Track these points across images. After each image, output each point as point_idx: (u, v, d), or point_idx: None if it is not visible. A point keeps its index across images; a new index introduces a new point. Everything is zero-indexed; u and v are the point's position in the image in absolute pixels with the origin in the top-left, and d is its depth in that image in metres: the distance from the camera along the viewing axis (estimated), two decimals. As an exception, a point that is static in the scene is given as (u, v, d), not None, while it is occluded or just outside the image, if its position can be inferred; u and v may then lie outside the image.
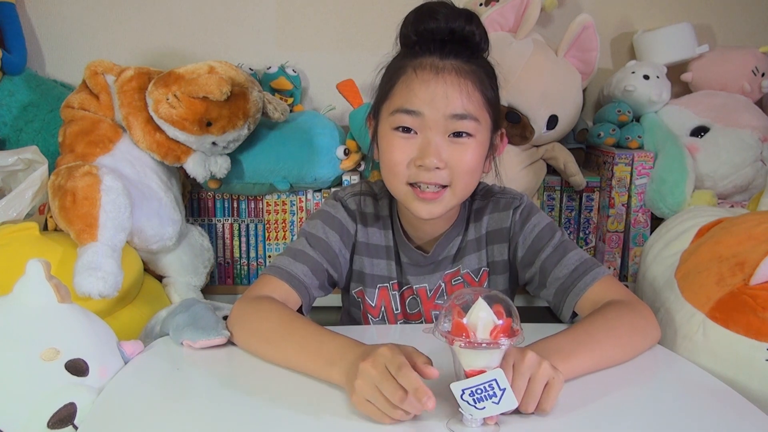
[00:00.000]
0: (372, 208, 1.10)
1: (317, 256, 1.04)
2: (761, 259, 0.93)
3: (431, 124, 0.94)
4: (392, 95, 0.98)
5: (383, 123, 1.00)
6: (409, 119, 0.95)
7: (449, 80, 0.94)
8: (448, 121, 0.94)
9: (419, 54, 0.97)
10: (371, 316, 1.11)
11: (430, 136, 0.95)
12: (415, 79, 0.95)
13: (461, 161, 0.96)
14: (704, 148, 1.56)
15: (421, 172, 0.95)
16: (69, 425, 0.75)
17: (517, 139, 1.55)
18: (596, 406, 0.79)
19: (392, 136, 0.97)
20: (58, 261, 1.20)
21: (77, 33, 1.71)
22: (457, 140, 0.96)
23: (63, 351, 0.80)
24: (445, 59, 0.96)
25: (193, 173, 1.46)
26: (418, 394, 0.70)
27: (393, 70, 0.99)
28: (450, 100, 0.94)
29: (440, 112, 0.94)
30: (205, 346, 0.92)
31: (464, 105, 0.94)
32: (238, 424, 0.75)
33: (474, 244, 1.10)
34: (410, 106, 0.94)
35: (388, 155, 0.98)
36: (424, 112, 0.94)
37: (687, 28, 1.66)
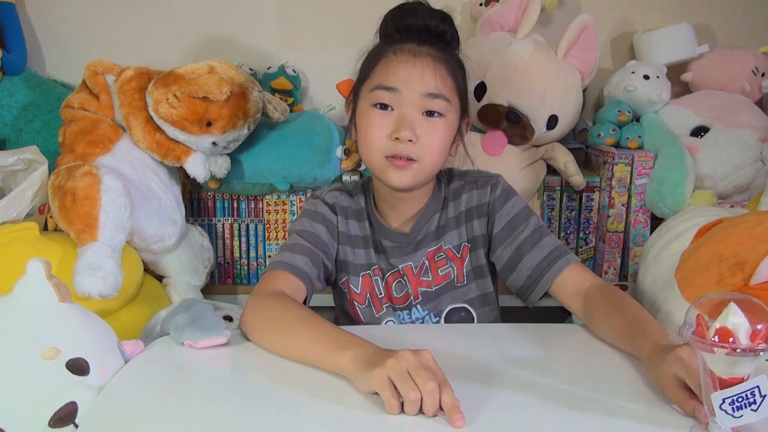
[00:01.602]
0: (347, 202, 1.18)
1: (313, 247, 1.10)
2: (761, 259, 0.93)
3: (407, 101, 1.03)
4: (372, 75, 1.07)
5: (362, 101, 1.09)
6: (387, 95, 1.04)
7: (425, 62, 1.04)
8: (423, 99, 1.03)
9: (399, 41, 1.07)
10: (357, 303, 1.16)
11: (405, 111, 1.04)
12: (394, 59, 1.05)
13: (432, 137, 1.05)
14: (704, 148, 1.56)
15: (396, 144, 1.04)
16: (70, 424, 0.75)
17: (517, 139, 1.55)
18: (597, 406, 0.79)
19: (371, 112, 1.06)
20: (58, 261, 1.20)
21: (77, 33, 1.71)
22: (429, 118, 1.05)
23: (64, 350, 0.80)
24: (422, 46, 1.06)
25: (193, 173, 1.46)
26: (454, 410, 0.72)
27: (373, 54, 1.09)
28: (425, 80, 1.03)
29: (416, 90, 1.03)
30: (206, 345, 0.92)
31: (437, 85, 1.03)
32: (239, 424, 0.75)
33: (454, 221, 1.15)
34: (389, 83, 1.04)
35: (366, 130, 1.07)
36: (401, 89, 1.03)
37: (687, 28, 1.67)
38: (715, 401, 0.68)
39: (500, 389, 0.82)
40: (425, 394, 0.73)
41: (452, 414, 0.72)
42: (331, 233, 1.13)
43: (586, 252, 1.66)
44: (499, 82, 1.52)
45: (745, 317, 0.68)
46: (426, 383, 0.73)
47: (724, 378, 0.69)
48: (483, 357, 0.93)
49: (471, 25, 1.71)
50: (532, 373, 0.87)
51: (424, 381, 0.74)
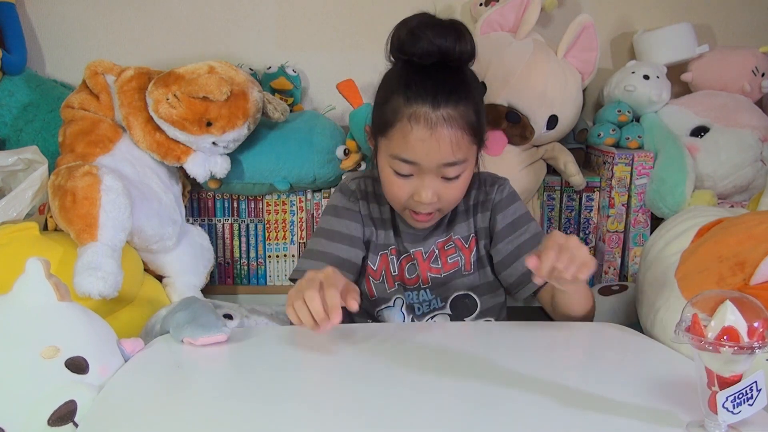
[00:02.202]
0: (372, 188, 1.23)
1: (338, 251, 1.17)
2: (761, 258, 0.93)
3: (426, 170, 1.06)
4: (389, 136, 1.07)
5: (382, 156, 1.11)
6: (406, 167, 1.06)
7: (441, 134, 1.03)
8: (441, 168, 1.06)
9: (412, 99, 1.04)
10: (372, 278, 1.22)
11: (425, 179, 1.07)
12: (410, 132, 1.04)
13: (452, 195, 1.10)
14: (704, 148, 1.56)
15: (418, 204, 1.09)
16: (69, 423, 0.75)
17: (517, 139, 1.55)
18: (597, 404, 0.79)
19: (391, 175, 1.09)
20: (58, 261, 1.20)
21: (77, 33, 1.71)
22: (448, 181, 1.08)
23: (63, 349, 0.80)
24: (437, 109, 1.03)
25: (193, 173, 1.46)
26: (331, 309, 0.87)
27: (389, 109, 1.06)
28: (442, 153, 1.04)
29: (434, 162, 1.05)
30: (206, 343, 0.92)
31: (455, 153, 1.04)
32: (239, 422, 0.75)
33: (463, 214, 1.21)
34: (407, 156, 1.05)
35: (387, 188, 1.11)
36: (420, 162, 1.05)
37: (687, 28, 1.67)
38: (720, 400, 0.68)
39: (500, 388, 0.82)
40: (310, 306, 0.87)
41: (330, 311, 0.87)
42: (355, 221, 1.20)
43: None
44: (499, 82, 1.52)
45: (741, 315, 0.68)
46: (306, 291, 0.88)
47: (725, 376, 0.69)
48: (483, 355, 0.93)
49: (471, 25, 1.71)
50: (532, 371, 0.87)
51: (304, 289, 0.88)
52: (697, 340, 0.69)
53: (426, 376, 0.86)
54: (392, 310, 1.23)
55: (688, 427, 0.73)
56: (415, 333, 1.07)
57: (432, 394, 0.82)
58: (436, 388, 0.83)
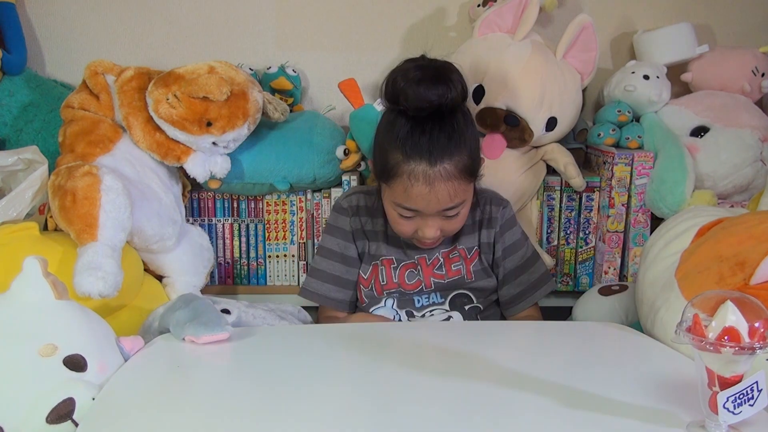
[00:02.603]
0: (365, 202, 1.32)
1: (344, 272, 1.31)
2: (761, 258, 0.93)
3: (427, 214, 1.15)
4: (392, 186, 1.15)
5: (386, 197, 1.19)
6: (408, 212, 1.16)
7: (440, 188, 1.11)
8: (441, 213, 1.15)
9: (410, 156, 1.11)
10: (363, 286, 1.32)
11: (428, 220, 1.16)
12: (410, 188, 1.12)
13: (454, 227, 1.20)
14: (704, 148, 1.56)
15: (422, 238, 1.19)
16: (67, 420, 0.75)
17: (515, 142, 1.54)
18: (597, 404, 0.79)
19: (396, 216, 1.18)
20: (58, 261, 1.20)
21: (77, 33, 1.71)
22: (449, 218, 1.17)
23: (61, 347, 0.80)
24: (435, 166, 1.11)
25: (193, 173, 1.46)
26: None
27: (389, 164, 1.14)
28: (441, 203, 1.13)
29: (434, 210, 1.14)
30: (209, 341, 0.92)
31: (452, 200, 1.13)
32: (239, 421, 0.75)
33: (469, 228, 1.30)
34: (409, 205, 1.14)
35: (393, 224, 1.20)
36: (420, 210, 1.14)
37: (687, 28, 1.66)
38: (721, 400, 0.68)
39: (499, 387, 0.82)
40: None
41: None
42: (346, 239, 1.30)
43: (586, 252, 1.66)
44: (497, 85, 1.51)
45: (742, 315, 0.68)
46: None
47: (726, 377, 0.69)
48: (483, 355, 0.93)
49: (468, 27, 1.71)
50: (532, 371, 0.87)
51: None
52: (698, 340, 0.69)
53: (426, 375, 0.86)
54: (384, 309, 1.30)
55: (689, 428, 0.73)
56: (416, 332, 1.07)
57: (432, 393, 0.82)
58: (436, 388, 0.83)
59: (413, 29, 1.71)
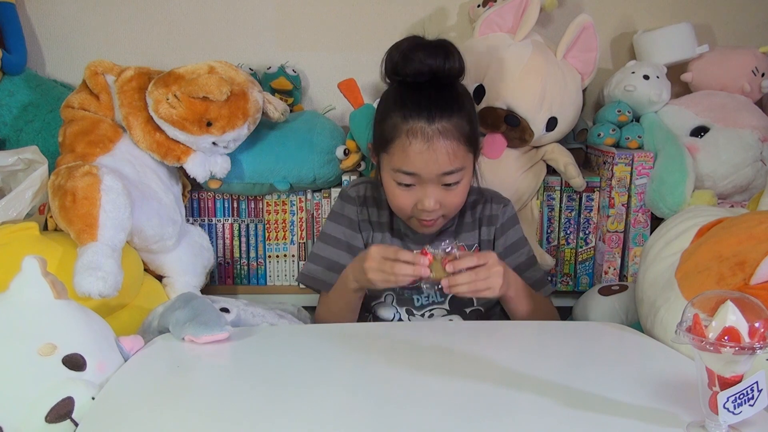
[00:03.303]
0: (371, 192, 1.31)
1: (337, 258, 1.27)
2: (761, 258, 0.93)
3: (426, 180, 1.14)
4: (390, 152, 1.15)
5: (385, 172, 1.19)
6: (407, 178, 1.15)
7: (438, 146, 1.12)
8: (440, 177, 1.14)
9: (409, 116, 1.12)
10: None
11: (426, 188, 1.15)
12: (409, 146, 1.12)
13: (453, 202, 1.18)
14: (704, 148, 1.56)
15: (422, 212, 1.17)
16: (67, 419, 0.75)
17: (516, 142, 1.54)
18: (597, 405, 0.79)
19: (395, 187, 1.17)
20: (58, 261, 1.20)
21: (77, 33, 1.71)
22: (448, 188, 1.16)
23: (60, 346, 0.80)
24: (432, 123, 1.12)
25: (193, 173, 1.46)
26: (416, 258, 1.05)
27: (388, 127, 1.15)
28: (440, 163, 1.12)
29: (433, 172, 1.13)
30: (208, 341, 0.92)
31: (451, 162, 1.13)
32: (239, 421, 0.75)
33: (470, 225, 1.30)
34: (408, 168, 1.14)
35: (392, 199, 1.19)
36: (420, 173, 1.14)
37: (687, 28, 1.66)
38: (721, 401, 0.68)
39: (499, 387, 0.82)
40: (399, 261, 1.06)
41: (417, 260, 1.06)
42: (353, 228, 1.29)
43: (586, 252, 1.66)
44: (498, 85, 1.51)
45: (742, 315, 0.68)
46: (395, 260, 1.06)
47: (726, 377, 0.69)
48: (483, 355, 0.93)
49: (468, 27, 1.71)
50: (532, 371, 0.87)
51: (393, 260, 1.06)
52: (698, 340, 0.69)
53: (426, 375, 0.86)
54: (384, 305, 1.29)
55: (689, 428, 0.73)
56: (415, 332, 1.07)
57: (432, 393, 0.82)
58: (436, 388, 0.83)
59: (413, 29, 1.71)
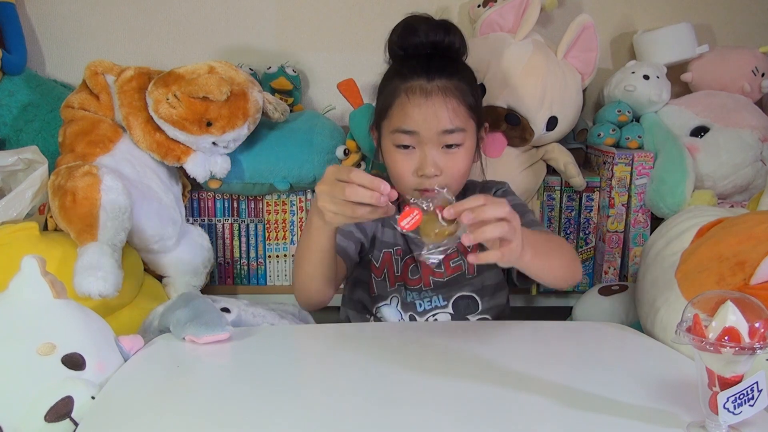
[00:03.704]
0: None
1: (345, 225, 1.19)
2: (761, 258, 0.93)
3: (426, 140, 1.11)
4: (390, 116, 1.15)
5: (385, 140, 1.17)
6: (406, 138, 1.12)
7: (437, 101, 1.10)
8: (440, 136, 1.11)
9: (408, 76, 1.12)
10: (375, 275, 1.26)
11: (426, 150, 1.12)
12: (407, 102, 1.11)
13: (454, 168, 1.14)
14: (704, 148, 1.56)
15: (423, 180, 1.12)
16: (66, 419, 0.75)
17: (516, 141, 1.55)
18: (597, 405, 0.79)
19: (394, 152, 1.15)
20: (58, 261, 1.20)
21: (77, 33, 1.71)
22: (449, 151, 1.13)
23: (59, 345, 0.80)
24: (432, 81, 1.11)
25: (193, 173, 1.46)
26: (375, 182, 0.86)
27: (388, 93, 1.15)
28: (440, 119, 1.10)
29: (432, 129, 1.11)
30: (209, 341, 0.92)
31: (452, 120, 1.11)
32: (239, 421, 0.75)
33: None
34: (406, 126, 1.12)
35: (393, 169, 1.16)
36: (418, 130, 1.11)
37: (687, 28, 1.66)
38: (721, 401, 0.68)
39: (499, 387, 0.82)
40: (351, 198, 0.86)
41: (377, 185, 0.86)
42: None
43: (586, 252, 1.66)
44: (498, 84, 1.51)
45: (742, 315, 0.68)
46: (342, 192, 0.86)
47: (726, 377, 0.69)
48: (483, 355, 0.93)
49: (469, 26, 1.71)
50: (532, 371, 0.87)
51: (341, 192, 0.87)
52: (698, 340, 0.69)
53: (426, 375, 0.86)
54: (389, 308, 1.26)
55: (689, 428, 0.73)
56: (416, 332, 1.07)
57: (432, 393, 0.82)
58: (435, 388, 0.83)
59: (413, 29, 1.71)
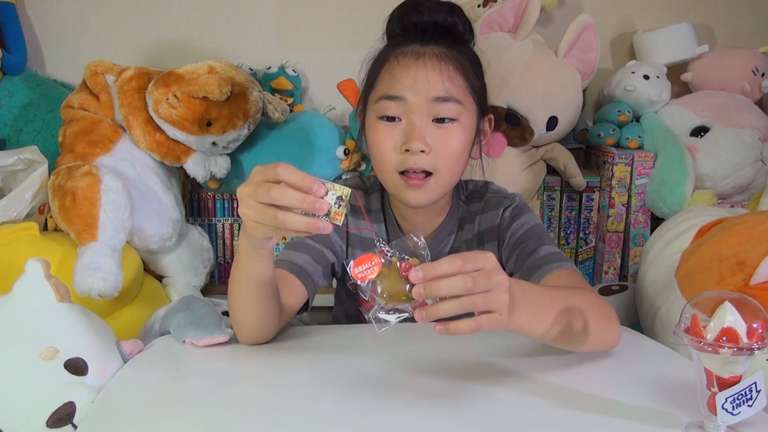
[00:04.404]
0: (363, 201, 1.11)
1: (316, 244, 1.04)
2: (761, 258, 0.93)
3: (414, 108, 0.96)
4: (376, 84, 1.00)
5: (369, 113, 1.01)
6: (392, 105, 0.97)
7: (430, 64, 0.96)
8: (431, 105, 0.96)
9: (401, 43, 1.00)
10: (364, 309, 1.11)
11: (414, 120, 0.96)
12: (396, 65, 0.97)
13: (446, 145, 0.97)
14: (704, 148, 1.56)
15: (408, 158, 0.97)
16: (68, 424, 0.75)
17: (516, 140, 1.55)
18: (596, 405, 0.79)
19: (378, 125, 0.99)
20: (58, 261, 1.20)
21: (77, 33, 1.71)
22: (441, 125, 0.97)
23: (62, 350, 0.80)
24: (426, 46, 0.98)
25: (193, 173, 1.46)
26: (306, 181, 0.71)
27: (377, 61, 1.02)
28: (431, 84, 0.95)
29: (422, 95, 0.96)
30: (208, 344, 0.92)
31: (446, 88, 0.96)
32: (239, 423, 0.75)
33: (470, 242, 1.10)
34: (393, 92, 0.97)
35: (375, 145, 1.00)
36: (406, 96, 0.96)
37: (687, 28, 1.66)
38: (719, 401, 0.68)
39: (499, 388, 0.82)
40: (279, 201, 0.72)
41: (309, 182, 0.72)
42: (339, 234, 1.08)
43: (586, 252, 1.66)
44: (498, 84, 1.52)
45: (740, 316, 0.68)
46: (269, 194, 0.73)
47: (725, 377, 0.69)
48: (483, 355, 0.93)
49: (470, 26, 1.71)
50: (532, 371, 0.87)
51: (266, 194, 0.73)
52: (696, 340, 0.69)
53: (425, 376, 0.86)
54: None
55: (688, 428, 0.73)
56: (414, 333, 1.07)
57: (431, 393, 0.82)
58: (434, 388, 0.83)
59: (413, 29, 1.71)
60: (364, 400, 0.79)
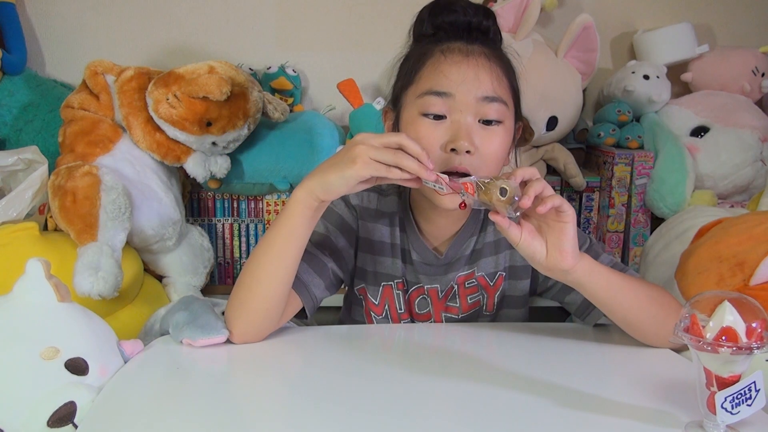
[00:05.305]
0: (375, 204, 1.06)
1: (319, 254, 1.01)
2: (761, 259, 0.93)
3: (462, 106, 0.91)
4: (418, 79, 0.95)
5: (408, 110, 0.96)
6: (438, 102, 0.92)
7: (480, 62, 0.93)
8: (479, 104, 0.92)
9: (444, 39, 0.96)
10: (375, 314, 1.08)
11: (461, 118, 0.91)
12: (444, 60, 0.93)
13: (491, 148, 0.93)
14: (704, 148, 1.56)
15: (452, 157, 0.91)
16: (69, 424, 0.75)
17: (516, 140, 1.55)
18: (596, 405, 0.79)
19: (421, 122, 0.93)
20: (58, 261, 1.19)
21: (77, 33, 1.71)
22: (487, 127, 0.93)
23: (63, 350, 0.80)
24: (472, 45, 0.95)
25: (193, 173, 1.46)
26: (423, 156, 0.82)
27: (417, 56, 0.97)
28: (481, 82, 0.92)
29: (471, 93, 0.91)
30: (206, 344, 0.92)
31: (495, 88, 0.93)
32: (238, 423, 0.75)
33: (491, 246, 1.06)
34: (440, 87, 0.92)
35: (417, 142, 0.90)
36: (454, 93, 0.91)
37: (687, 28, 1.67)
38: (719, 400, 0.69)
39: (499, 388, 0.82)
40: (404, 145, 0.82)
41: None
42: (347, 239, 1.05)
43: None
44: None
45: (739, 315, 0.68)
46: (390, 139, 0.82)
47: (724, 377, 0.69)
48: (482, 356, 0.93)
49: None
50: (532, 371, 0.87)
51: (389, 139, 0.82)
52: (695, 340, 0.69)
53: (425, 376, 0.86)
54: None
55: (687, 428, 0.73)
56: (416, 333, 1.07)
57: (431, 394, 0.82)
58: (435, 389, 0.83)
59: (413, 29, 1.71)
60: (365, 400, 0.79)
